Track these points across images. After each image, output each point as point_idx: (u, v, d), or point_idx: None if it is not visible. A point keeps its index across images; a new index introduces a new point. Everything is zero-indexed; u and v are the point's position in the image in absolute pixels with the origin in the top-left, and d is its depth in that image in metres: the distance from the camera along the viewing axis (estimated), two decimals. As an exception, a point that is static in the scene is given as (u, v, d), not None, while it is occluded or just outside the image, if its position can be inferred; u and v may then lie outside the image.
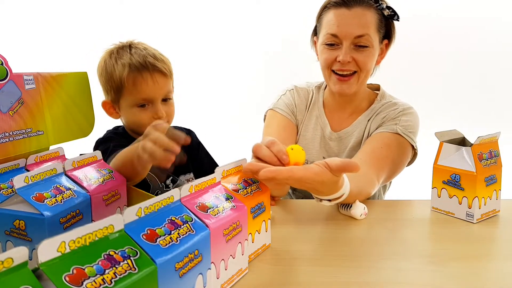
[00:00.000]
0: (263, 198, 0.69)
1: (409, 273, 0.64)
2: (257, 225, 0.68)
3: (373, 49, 1.06)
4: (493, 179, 0.86)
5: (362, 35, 1.03)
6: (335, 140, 1.17)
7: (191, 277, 0.49)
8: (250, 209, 0.65)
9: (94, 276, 0.37)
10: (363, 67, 1.07)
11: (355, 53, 1.05)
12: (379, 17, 1.06)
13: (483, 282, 0.62)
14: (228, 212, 0.59)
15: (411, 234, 0.80)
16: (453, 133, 0.93)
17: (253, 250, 0.68)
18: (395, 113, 1.11)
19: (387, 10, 1.06)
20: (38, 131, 0.74)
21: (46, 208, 0.57)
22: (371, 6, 1.05)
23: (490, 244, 0.76)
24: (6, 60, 0.67)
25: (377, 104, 1.16)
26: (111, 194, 0.70)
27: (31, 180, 0.59)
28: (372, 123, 1.14)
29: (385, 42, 1.12)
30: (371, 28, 1.04)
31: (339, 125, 1.18)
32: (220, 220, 0.56)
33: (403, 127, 1.08)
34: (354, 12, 1.03)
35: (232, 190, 0.65)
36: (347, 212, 0.87)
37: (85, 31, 2.24)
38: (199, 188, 0.59)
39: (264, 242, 0.71)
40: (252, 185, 0.69)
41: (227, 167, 0.68)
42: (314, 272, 0.64)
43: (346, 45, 1.04)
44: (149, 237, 0.45)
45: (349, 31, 1.03)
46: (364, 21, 1.03)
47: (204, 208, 0.56)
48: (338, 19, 1.04)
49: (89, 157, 0.73)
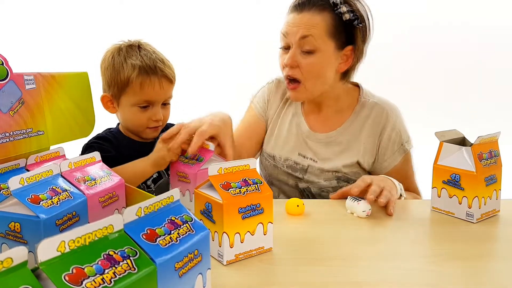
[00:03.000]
0: (261, 200, 0.69)
1: (409, 273, 0.64)
2: (248, 226, 0.68)
3: (320, 54, 1.04)
4: (493, 179, 0.86)
5: (305, 35, 1.02)
6: (317, 142, 1.15)
7: (190, 277, 0.49)
8: (238, 209, 0.66)
9: (93, 276, 0.37)
10: (307, 75, 1.05)
11: (300, 57, 1.05)
12: (333, 21, 1.03)
13: (483, 282, 0.62)
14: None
15: (411, 234, 0.80)
16: (453, 133, 0.93)
17: (242, 250, 0.68)
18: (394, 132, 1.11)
19: (347, 15, 1.02)
20: (39, 131, 0.74)
21: (42, 210, 0.56)
22: (324, 9, 1.03)
23: (490, 244, 0.76)
24: (6, 60, 0.67)
25: (362, 107, 1.14)
26: (108, 196, 0.70)
27: (27, 181, 0.58)
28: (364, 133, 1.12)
29: (348, 48, 1.06)
30: (317, 31, 1.02)
31: (321, 127, 1.16)
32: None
33: (407, 142, 1.14)
34: (302, 15, 1.04)
35: (222, 187, 0.66)
36: (352, 207, 0.88)
37: (85, 31, 2.24)
38: None
39: (262, 245, 0.70)
40: (251, 185, 0.69)
41: (225, 165, 0.69)
42: (314, 272, 0.64)
43: (292, 48, 1.05)
44: (149, 237, 0.45)
45: (293, 32, 1.04)
46: (310, 23, 1.02)
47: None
48: (289, 21, 1.06)
49: (86, 158, 0.72)
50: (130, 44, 1.03)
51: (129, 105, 1.01)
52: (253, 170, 0.72)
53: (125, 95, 1.00)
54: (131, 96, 1.00)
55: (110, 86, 1.01)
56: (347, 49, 1.06)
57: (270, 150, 1.19)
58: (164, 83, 1.00)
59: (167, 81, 1.01)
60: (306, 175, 1.14)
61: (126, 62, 0.99)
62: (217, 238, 0.66)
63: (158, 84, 0.99)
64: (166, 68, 1.00)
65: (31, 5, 2.26)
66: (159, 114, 1.02)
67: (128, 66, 0.98)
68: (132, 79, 0.98)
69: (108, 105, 1.04)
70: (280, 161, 1.17)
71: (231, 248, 0.66)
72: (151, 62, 0.99)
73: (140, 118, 1.01)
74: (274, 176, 1.19)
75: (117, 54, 1.01)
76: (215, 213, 0.66)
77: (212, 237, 0.67)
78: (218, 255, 0.67)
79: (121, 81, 0.99)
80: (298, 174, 1.15)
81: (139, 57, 0.99)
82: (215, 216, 0.66)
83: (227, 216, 0.65)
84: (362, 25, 1.05)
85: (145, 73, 0.98)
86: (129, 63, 0.99)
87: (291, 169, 1.16)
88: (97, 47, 1.02)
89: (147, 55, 1.00)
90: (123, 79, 0.98)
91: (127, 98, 1.00)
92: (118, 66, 0.99)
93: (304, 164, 1.14)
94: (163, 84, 1.00)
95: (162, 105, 1.03)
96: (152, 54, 1.01)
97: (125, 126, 1.07)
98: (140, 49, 1.01)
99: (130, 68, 0.98)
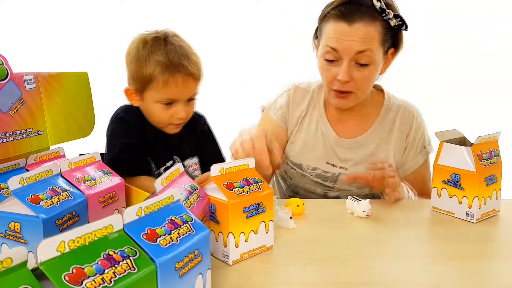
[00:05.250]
0: (263, 199, 0.69)
1: (409, 273, 0.64)
2: (252, 225, 0.68)
3: (375, 66, 1.01)
4: (493, 179, 0.86)
5: (363, 50, 0.97)
6: (345, 147, 1.12)
7: (191, 277, 0.49)
8: (243, 209, 0.66)
9: (93, 276, 0.37)
10: (361, 87, 1.03)
11: (355, 71, 1.00)
12: (384, 29, 0.99)
13: (483, 282, 0.62)
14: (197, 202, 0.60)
15: (411, 234, 0.80)
16: (453, 133, 0.93)
17: (247, 250, 0.68)
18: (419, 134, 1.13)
19: (394, 20, 0.99)
20: (39, 131, 0.74)
21: (42, 210, 0.56)
22: (375, 19, 0.98)
23: (490, 244, 0.76)
24: (6, 60, 0.67)
25: (388, 110, 1.14)
26: (108, 196, 0.70)
27: (27, 181, 0.58)
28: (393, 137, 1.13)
29: (391, 51, 1.05)
30: (374, 43, 0.98)
31: (348, 132, 1.13)
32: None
33: (429, 145, 1.15)
34: (355, 27, 0.97)
35: (225, 187, 0.66)
36: (352, 207, 0.88)
37: (85, 31, 2.24)
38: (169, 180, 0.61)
39: (264, 243, 0.71)
40: (253, 184, 0.69)
41: (227, 165, 0.69)
42: (314, 272, 0.64)
43: (346, 63, 0.99)
44: (149, 237, 0.45)
45: (349, 46, 0.97)
46: (366, 37, 0.97)
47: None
48: (339, 33, 0.98)
49: (86, 158, 0.72)
50: (156, 36, 0.97)
51: (152, 101, 0.98)
52: (252, 169, 0.73)
53: (148, 91, 0.97)
54: (154, 92, 0.96)
55: (134, 80, 0.98)
56: (390, 52, 1.05)
57: (296, 159, 1.15)
58: (189, 81, 0.96)
59: (191, 79, 0.96)
60: (337, 184, 1.12)
61: (150, 57, 0.94)
62: (221, 238, 0.66)
63: (182, 82, 0.95)
64: (191, 65, 0.96)
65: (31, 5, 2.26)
66: (182, 112, 0.98)
67: (152, 61, 0.94)
68: (155, 76, 0.94)
69: (132, 98, 1.01)
70: (308, 170, 1.13)
71: (236, 248, 0.66)
72: (176, 58, 0.94)
73: (163, 115, 0.98)
74: (301, 185, 1.16)
75: (142, 47, 0.96)
76: (219, 213, 0.66)
77: (216, 237, 0.67)
78: (223, 256, 0.67)
79: (144, 76, 0.95)
80: (328, 183, 1.13)
81: (164, 53, 0.94)
82: (220, 217, 0.66)
83: (232, 216, 0.65)
84: (407, 30, 1.03)
85: (168, 71, 0.93)
86: (153, 58, 0.94)
87: (321, 178, 1.13)
88: (97, 47, 1.02)
89: (173, 50, 0.95)
90: (147, 75, 0.95)
91: (151, 94, 0.97)
92: (142, 60, 0.95)
93: (335, 172, 1.12)
94: (187, 82, 0.96)
95: (187, 101, 1.00)
96: (178, 49, 0.96)
97: (148, 119, 1.03)
98: (166, 42, 0.96)
99: (154, 64, 0.94)
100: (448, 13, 2.26)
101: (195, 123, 1.12)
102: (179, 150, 1.08)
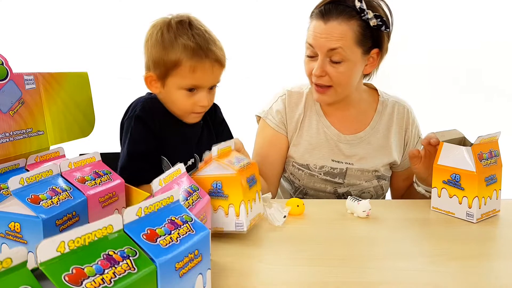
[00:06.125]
0: (255, 171, 0.80)
1: (409, 273, 0.64)
2: (252, 195, 0.77)
3: (350, 64, 1.03)
4: (493, 179, 0.86)
5: (334, 48, 1.01)
6: (348, 143, 1.15)
7: (191, 277, 0.49)
8: (247, 179, 0.75)
9: (93, 276, 0.37)
10: (337, 82, 1.05)
11: (329, 67, 1.04)
12: (361, 29, 1.01)
13: (483, 282, 0.62)
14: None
15: (411, 234, 0.80)
16: (453, 133, 0.93)
17: (252, 217, 0.75)
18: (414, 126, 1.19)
19: (374, 20, 1.01)
20: (39, 131, 0.74)
21: (42, 210, 0.56)
22: (351, 18, 1.01)
23: (490, 244, 0.76)
24: (6, 60, 0.67)
25: (384, 106, 1.18)
26: (108, 196, 0.70)
27: (27, 181, 0.58)
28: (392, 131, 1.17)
29: (375, 51, 1.07)
30: (347, 42, 1.01)
31: (348, 129, 1.16)
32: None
33: (422, 135, 1.20)
34: (329, 25, 1.01)
35: (227, 163, 0.74)
36: (352, 207, 0.88)
37: (85, 31, 2.24)
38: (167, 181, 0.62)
39: (259, 211, 0.80)
40: (243, 160, 0.78)
41: (220, 146, 0.78)
42: (314, 272, 0.64)
43: (320, 58, 1.04)
44: (149, 237, 0.45)
45: (322, 44, 1.02)
46: (338, 35, 1.00)
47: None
48: (315, 31, 1.03)
49: (86, 158, 0.72)
50: (180, 19, 0.93)
51: (175, 88, 0.93)
52: (234, 151, 0.84)
53: (172, 77, 0.92)
54: (179, 78, 0.92)
55: (156, 66, 0.93)
56: (373, 52, 1.07)
57: (302, 160, 1.16)
58: (216, 67, 0.93)
59: (219, 65, 0.93)
60: (346, 179, 1.15)
61: (177, 41, 0.90)
62: (232, 211, 0.72)
63: (210, 68, 0.91)
64: (218, 51, 0.92)
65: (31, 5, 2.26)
66: (206, 100, 0.94)
67: (179, 46, 0.89)
68: (182, 61, 0.89)
69: (152, 85, 0.96)
70: (316, 169, 1.15)
71: (247, 216, 0.73)
72: (204, 43, 0.90)
73: (186, 103, 0.94)
74: (310, 185, 1.17)
75: (166, 30, 0.91)
76: (227, 188, 0.72)
77: (225, 213, 0.73)
78: (236, 227, 0.72)
79: (170, 61, 0.90)
80: (338, 179, 1.15)
81: (191, 37, 0.90)
82: (228, 191, 0.72)
83: (242, 186, 0.72)
84: (388, 30, 1.05)
85: (198, 56, 0.89)
86: (180, 42, 0.89)
87: (330, 175, 1.15)
88: (97, 46, 1.02)
89: (200, 34, 0.91)
90: (173, 60, 0.90)
91: (175, 80, 0.92)
92: (167, 44, 0.90)
93: (342, 167, 1.14)
94: (214, 68, 0.92)
95: (210, 88, 0.96)
96: (205, 34, 0.92)
97: (168, 108, 0.99)
98: (191, 26, 0.92)
99: (182, 48, 0.89)
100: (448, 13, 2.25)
101: (214, 111, 1.10)
102: (200, 143, 1.05)
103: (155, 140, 0.97)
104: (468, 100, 2.29)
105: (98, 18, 2.27)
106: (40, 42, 2.24)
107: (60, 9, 2.27)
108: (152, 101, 0.99)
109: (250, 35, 2.25)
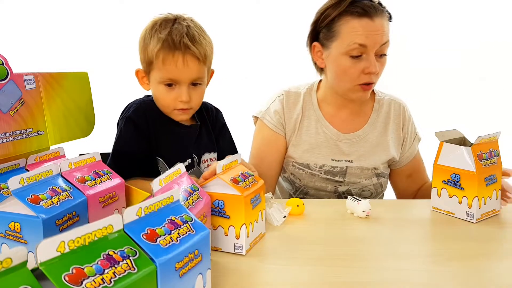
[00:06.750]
0: (260, 190, 0.76)
1: (409, 273, 0.64)
2: (255, 215, 0.73)
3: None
4: (493, 179, 0.86)
5: (386, 41, 1.05)
6: (348, 142, 1.15)
7: (191, 277, 0.49)
8: (250, 200, 0.71)
9: (93, 276, 0.37)
10: (379, 76, 1.09)
11: (377, 62, 1.06)
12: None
13: (483, 281, 0.62)
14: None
15: (411, 234, 0.80)
16: (453, 133, 0.93)
17: (253, 238, 0.73)
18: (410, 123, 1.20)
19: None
20: (39, 131, 0.74)
21: (42, 210, 0.56)
22: (383, 11, 1.06)
23: (489, 243, 0.76)
24: (6, 60, 0.67)
25: (380, 104, 1.19)
26: (108, 196, 0.70)
27: (27, 181, 0.58)
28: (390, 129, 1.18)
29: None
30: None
31: (347, 127, 1.17)
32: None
33: (417, 131, 1.22)
34: (376, 21, 1.03)
35: (231, 181, 0.70)
36: (352, 207, 0.88)
37: (85, 31, 2.24)
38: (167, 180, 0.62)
39: (261, 231, 0.77)
40: (249, 178, 0.75)
41: (225, 162, 0.74)
42: (315, 272, 0.64)
43: (371, 55, 1.04)
44: (149, 237, 0.45)
45: (376, 40, 1.03)
46: (387, 29, 1.05)
47: None
48: (366, 29, 1.02)
49: (86, 158, 0.72)
50: (166, 18, 0.96)
51: (156, 82, 0.96)
52: (240, 164, 0.80)
53: (152, 71, 0.95)
54: (156, 72, 0.94)
55: (141, 61, 0.98)
56: None
57: (302, 159, 1.16)
58: (190, 60, 0.92)
59: (193, 58, 0.92)
60: (347, 177, 1.15)
61: (153, 37, 0.93)
62: (232, 232, 0.69)
63: (182, 61, 0.91)
64: (194, 45, 0.92)
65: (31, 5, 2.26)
66: (185, 95, 0.94)
67: (154, 40, 0.93)
68: (154, 54, 0.92)
69: (143, 81, 1.00)
70: (316, 168, 1.15)
71: (248, 238, 0.70)
72: (177, 36, 0.91)
73: (166, 98, 0.96)
74: (311, 185, 1.17)
75: (150, 28, 0.96)
76: (230, 208, 0.69)
77: (225, 232, 0.70)
78: (235, 248, 0.70)
79: (147, 56, 0.94)
80: (338, 177, 1.15)
81: (168, 32, 0.92)
82: (230, 211, 0.69)
83: (246, 208, 0.69)
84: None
85: (168, 48, 0.91)
86: (156, 37, 0.93)
87: (330, 174, 1.15)
88: (97, 46, 1.02)
89: (179, 29, 0.92)
90: (149, 54, 0.93)
91: (154, 74, 0.95)
92: (147, 40, 0.95)
93: (342, 166, 1.15)
94: (188, 61, 0.92)
95: (192, 85, 0.96)
96: (185, 28, 0.93)
97: (158, 107, 1.01)
98: (174, 22, 0.94)
99: (155, 42, 0.92)
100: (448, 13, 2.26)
101: (215, 115, 1.11)
102: (198, 144, 1.05)
103: (145, 142, 0.98)
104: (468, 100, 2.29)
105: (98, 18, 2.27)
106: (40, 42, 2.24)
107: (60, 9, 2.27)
108: (147, 103, 1.02)
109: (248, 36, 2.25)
